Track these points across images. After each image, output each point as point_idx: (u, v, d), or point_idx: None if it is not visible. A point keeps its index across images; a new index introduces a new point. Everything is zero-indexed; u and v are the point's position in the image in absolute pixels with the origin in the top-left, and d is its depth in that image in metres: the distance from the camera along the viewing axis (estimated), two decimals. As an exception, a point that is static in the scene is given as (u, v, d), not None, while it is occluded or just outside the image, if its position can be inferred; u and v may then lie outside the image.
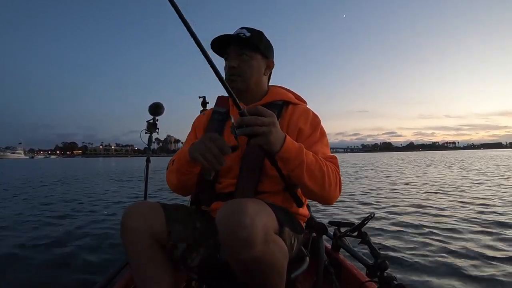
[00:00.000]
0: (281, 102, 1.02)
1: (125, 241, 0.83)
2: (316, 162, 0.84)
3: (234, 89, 0.99)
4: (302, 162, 0.81)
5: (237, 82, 0.98)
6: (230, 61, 0.99)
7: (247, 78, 0.99)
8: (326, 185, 0.85)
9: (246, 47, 0.98)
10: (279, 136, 0.77)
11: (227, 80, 0.99)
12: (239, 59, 0.98)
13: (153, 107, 2.02)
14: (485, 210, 4.04)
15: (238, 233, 0.65)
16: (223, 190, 0.97)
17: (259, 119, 0.72)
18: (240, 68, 0.98)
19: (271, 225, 0.72)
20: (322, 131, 1.00)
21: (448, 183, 7.48)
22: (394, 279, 0.92)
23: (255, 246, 0.66)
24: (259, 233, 0.66)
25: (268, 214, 0.73)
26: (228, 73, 0.99)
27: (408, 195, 5.60)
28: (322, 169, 0.84)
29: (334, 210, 4.13)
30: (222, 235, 0.69)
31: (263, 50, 1.01)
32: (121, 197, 6.32)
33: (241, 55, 0.98)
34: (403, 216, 3.79)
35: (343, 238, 1.36)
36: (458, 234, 2.94)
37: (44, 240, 3.04)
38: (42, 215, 4.37)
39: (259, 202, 0.73)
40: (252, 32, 0.99)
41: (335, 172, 0.89)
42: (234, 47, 0.99)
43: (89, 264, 2.34)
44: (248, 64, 0.99)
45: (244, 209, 0.67)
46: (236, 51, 0.99)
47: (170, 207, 0.91)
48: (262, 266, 0.70)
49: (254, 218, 0.66)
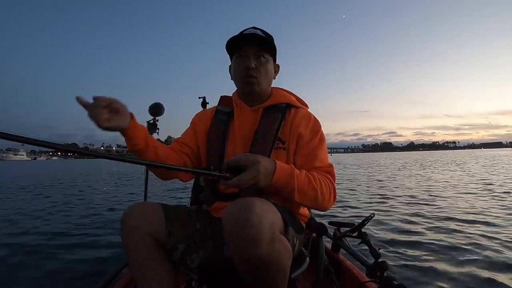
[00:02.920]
0: (284, 105, 1.02)
1: (125, 241, 0.83)
2: (308, 183, 0.86)
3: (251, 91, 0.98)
4: (293, 189, 0.83)
5: (254, 84, 0.97)
6: (248, 61, 0.95)
7: (262, 81, 0.98)
8: (319, 201, 0.88)
9: (263, 49, 0.97)
10: (267, 177, 0.80)
11: (243, 80, 0.97)
12: (257, 61, 0.96)
13: (153, 107, 2.02)
14: (488, 211, 4.04)
15: (246, 231, 0.65)
16: (226, 191, 0.97)
17: (241, 181, 0.76)
18: (257, 69, 0.96)
19: (278, 224, 0.73)
20: (322, 137, 1.00)
21: (453, 182, 7.48)
22: (394, 279, 0.92)
23: (262, 244, 0.66)
24: (266, 232, 0.66)
25: (275, 213, 0.73)
26: (246, 73, 0.96)
27: (408, 195, 5.60)
28: (315, 188, 0.86)
29: (334, 210, 4.13)
30: (229, 233, 0.69)
31: (275, 53, 1.01)
32: (121, 197, 6.32)
33: (259, 57, 0.96)
34: (403, 216, 3.79)
35: (343, 238, 1.36)
36: (458, 234, 2.93)
37: (44, 240, 3.04)
38: (44, 212, 4.37)
39: (266, 201, 0.74)
40: (267, 35, 0.98)
41: (328, 185, 0.90)
42: (251, 47, 0.96)
43: (89, 264, 2.34)
44: (265, 67, 0.98)
45: (252, 207, 0.67)
46: (254, 51, 0.96)
47: (170, 208, 0.91)
48: (267, 265, 0.70)
49: (262, 217, 0.66)
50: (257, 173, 0.76)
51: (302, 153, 0.95)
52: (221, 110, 1.07)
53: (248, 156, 0.78)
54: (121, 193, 7.01)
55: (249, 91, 0.98)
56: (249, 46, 0.96)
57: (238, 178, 0.75)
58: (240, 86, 1.00)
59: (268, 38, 0.96)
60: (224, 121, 1.04)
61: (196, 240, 0.90)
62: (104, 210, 4.79)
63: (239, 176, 0.75)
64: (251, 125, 1.00)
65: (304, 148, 0.96)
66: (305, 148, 0.96)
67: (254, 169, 0.76)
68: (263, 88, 1.00)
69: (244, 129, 1.00)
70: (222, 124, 1.04)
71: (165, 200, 5.60)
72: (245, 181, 0.76)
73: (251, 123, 1.00)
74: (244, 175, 0.75)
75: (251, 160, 0.77)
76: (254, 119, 1.00)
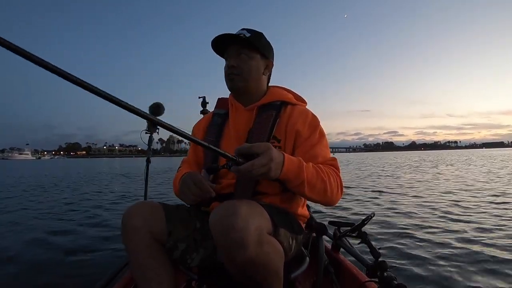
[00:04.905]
0: (279, 103, 1.02)
1: (126, 241, 0.83)
2: (317, 175, 0.84)
3: (234, 87, 1.01)
4: (303, 181, 0.81)
5: (235, 81, 0.99)
6: (229, 60, 1.00)
7: (246, 77, 1.00)
8: (328, 194, 0.86)
9: (245, 47, 0.99)
10: (277, 166, 0.77)
11: (226, 78, 1.01)
12: (238, 59, 0.99)
13: (153, 107, 2.02)
14: (488, 210, 4.04)
15: (231, 235, 0.65)
16: (222, 191, 0.97)
17: (254, 165, 0.71)
18: (239, 67, 0.99)
19: (265, 226, 0.72)
20: (321, 132, 0.99)
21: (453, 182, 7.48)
22: (394, 279, 0.91)
23: (248, 247, 0.66)
24: (252, 234, 0.66)
25: (262, 216, 0.73)
26: (228, 72, 1.00)
27: (408, 195, 5.60)
28: (323, 180, 0.85)
29: (335, 210, 4.13)
30: (216, 238, 0.69)
31: (262, 50, 1.02)
32: (121, 197, 6.32)
33: (240, 55, 0.99)
34: (403, 216, 3.79)
35: (343, 238, 1.36)
36: (459, 234, 2.93)
37: (44, 239, 3.04)
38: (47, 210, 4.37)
39: (252, 203, 0.73)
40: (251, 33, 1.00)
41: (336, 178, 0.89)
42: (233, 46, 1.00)
43: (89, 264, 2.34)
44: (247, 63, 0.99)
45: (237, 211, 0.67)
46: (235, 50, 1.00)
47: (170, 207, 0.91)
48: (257, 267, 0.70)
49: (247, 220, 0.66)
50: (270, 160, 0.73)
51: (302, 150, 0.94)
52: (217, 113, 1.09)
53: (260, 144, 0.75)
54: (122, 192, 7.01)
55: (232, 87, 1.02)
56: (232, 47, 1.00)
57: (251, 162, 0.71)
58: (227, 83, 1.03)
59: (247, 37, 0.97)
60: (219, 124, 1.05)
61: (197, 239, 0.90)
62: (104, 209, 4.80)
63: (252, 161, 0.72)
64: (246, 124, 1.01)
65: (303, 145, 0.95)
66: (305, 144, 0.95)
67: (267, 155, 0.73)
68: (250, 84, 1.01)
69: (239, 128, 1.01)
70: (217, 125, 1.05)
71: (165, 199, 5.60)
72: (258, 167, 0.72)
73: (245, 123, 1.01)
74: (257, 160, 0.72)
75: (264, 146, 0.74)
76: (249, 119, 1.01)
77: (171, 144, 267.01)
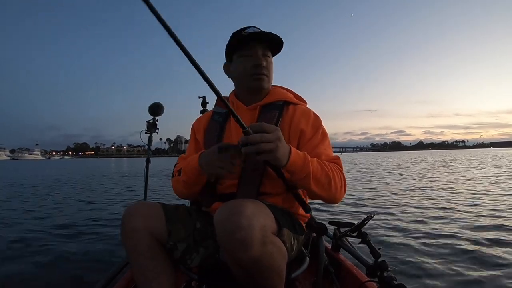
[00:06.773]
0: (281, 103, 1.02)
1: (126, 241, 0.83)
2: (322, 169, 0.84)
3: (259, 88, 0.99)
4: (308, 174, 0.81)
5: (264, 82, 0.98)
6: (258, 59, 0.96)
7: (271, 79, 1.01)
8: (332, 189, 0.86)
9: (270, 48, 0.99)
10: (285, 151, 0.77)
11: (254, 77, 0.98)
12: (265, 59, 0.98)
13: (153, 107, 2.03)
14: (492, 213, 4.03)
15: (236, 235, 0.65)
16: (224, 191, 0.97)
17: (264, 136, 0.71)
18: (266, 68, 0.98)
19: (269, 226, 0.72)
20: (323, 132, 1.00)
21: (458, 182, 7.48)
22: (394, 279, 0.91)
23: (253, 247, 0.66)
24: (257, 234, 0.66)
25: (266, 215, 0.73)
26: (259, 72, 0.97)
27: (408, 195, 5.60)
28: (328, 175, 0.85)
29: (335, 210, 4.13)
30: (220, 236, 0.69)
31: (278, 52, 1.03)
32: (120, 197, 6.32)
33: (266, 55, 0.98)
34: (403, 216, 3.79)
35: (343, 238, 1.36)
36: (460, 234, 2.93)
37: (44, 239, 3.04)
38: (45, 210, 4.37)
39: (257, 203, 0.73)
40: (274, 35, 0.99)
41: (339, 174, 0.89)
42: (260, 45, 0.97)
43: (90, 264, 2.34)
44: (271, 65, 1.00)
45: (242, 210, 0.67)
46: (263, 50, 0.98)
47: (170, 207, 0.91)
48: (260, 267, 0.70)
49: (252, 219, 0.66)
50: (278, 139, 0.73)
51: (306, 149, 0.94)
52: (217, 112, 1.07)
53: (270, 124, 0.76)
54: (122, 192, 7.02)
55: (258, 87, 0.99)
56: (259, 45, 0.97)
57: (261, 134, 0.71)
58: (248, 82, 0.99)
59: (279, 38, 0.97)
60: (220, 122, 1.04)
61: (197, 239, 0.90)
62: (104, 209, 4.80)
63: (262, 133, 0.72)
64: (248, 123, 0.99)
65: (307, 144, 0.95)
66: (308, 144, 0.95)
67: (276, 134, 0.73)
68: (270, 86, 1.03)
69: None
70: (218, 125, 1.04)
71: (165, 199, 5.60)
72: (268, 139, 0.71)
73: (248, 122, 1.00)
74: (267, 134, 0.72)
75: (273, 127, 0.75)
76: (251, 118, 1.00)
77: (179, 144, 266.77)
